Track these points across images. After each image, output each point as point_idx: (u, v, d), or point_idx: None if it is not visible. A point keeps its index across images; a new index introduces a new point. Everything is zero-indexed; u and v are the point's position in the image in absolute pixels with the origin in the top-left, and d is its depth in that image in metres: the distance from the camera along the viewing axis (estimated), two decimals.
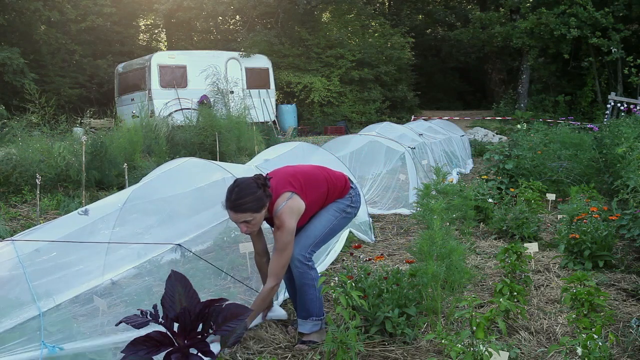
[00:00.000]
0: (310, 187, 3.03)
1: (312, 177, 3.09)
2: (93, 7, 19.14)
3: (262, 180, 2.85)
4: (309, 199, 2.99)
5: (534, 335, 3.07)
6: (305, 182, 3.03)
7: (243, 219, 2.82)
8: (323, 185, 3.09)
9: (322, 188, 3.08)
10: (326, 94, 19.61)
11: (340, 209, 3.15)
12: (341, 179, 3.22)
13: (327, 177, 3.15)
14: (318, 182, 3.08)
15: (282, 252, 2.89)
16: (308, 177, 3.08)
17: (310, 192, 3.02)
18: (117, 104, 15.37)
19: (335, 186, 3.15)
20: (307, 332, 3.05)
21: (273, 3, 19.99)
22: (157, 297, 2.28)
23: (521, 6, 20.33)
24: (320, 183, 3.09)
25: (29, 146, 7.25)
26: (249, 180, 2.84)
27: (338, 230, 3.20)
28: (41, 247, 3.01)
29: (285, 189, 2.93)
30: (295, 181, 3.00)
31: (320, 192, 3.07)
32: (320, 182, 3.10)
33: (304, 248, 3.01)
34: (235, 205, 2.79)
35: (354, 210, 3.22)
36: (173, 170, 4.01)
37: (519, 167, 7.00)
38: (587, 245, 4.16)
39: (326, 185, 3.11)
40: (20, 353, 2.40)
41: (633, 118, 9.68)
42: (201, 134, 10.34)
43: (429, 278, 3.02)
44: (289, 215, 2.88)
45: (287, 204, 2.89)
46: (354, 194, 3.23)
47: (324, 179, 3.12)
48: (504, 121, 18.57)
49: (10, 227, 5.64)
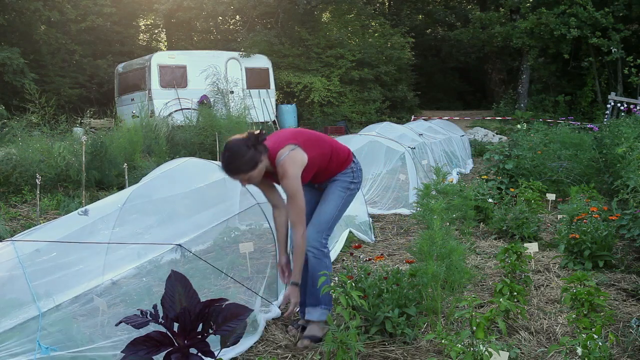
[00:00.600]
0: (312, 145, 3.12)
1: (314, 137, 3.22)
2: (93, 7, 19.13)
3: (253, 140, 2.91)
4: (311, 154, 3.07)
5: (534, 335, 3.07)
6: (307, 139, 3.13)
7: (239, 179, 2.97)
8: (326, 147, 3.20)
9: (325, 150, 3.18)
10: (326, 94, 19.60)
11: (344, 188, 3.25)
12: (344, 149, 3.32)
13: (331, 143, 3.28)
14: (320, 143, 3.20)
15: (294, 199, 3.00)
16: (310, 136, 3.20)
17: (312, 149, 3.10)
18: (117, 104, 15.37)
19: (338, 154, 3.24)
20: (315, 319, 3.11)
21: (273, 3, 19.98)
22: (157, 297, 2.28)
23: (521, 6, 20.32)
24: (324, 144, 3.20)
25: (29, 146, 7.25)
26: (240, 142, 2.92)
27: (346, 207, 3.31)
28: (41, 247, 3.01)
29: (287, 142, 3.04)
30: (298, 137, 3.11)
31: (323, 152, 3.16)
32: (323, 143, 3.21)
33: (319, 234, 3.13)
34: (229, 170, 2.94)
35: (356, 186, 3.31)
36: (173, 170, 4.01)
37: (519, 167, 6.99)
38: (587, 245, 4.15)
39: (329, 148, 3.21)
40: (19, 354, 2.40)
41: (633, 118, 9.68)
42: (201, 134, 10.35)
43: (429, 278, 3.02)
44: (291, 164, 2.97)
45: (289, 154, 2.98)
46: (356, 169, 3.31)
47: (328, 143, 3.25)
48: (504, 121, 18.56)
49: (10, 227, 5.64)
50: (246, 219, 4.50)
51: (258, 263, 3.92)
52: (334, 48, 20.62)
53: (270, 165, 3.02)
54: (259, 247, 4.06)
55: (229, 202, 4.10)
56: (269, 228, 3.83)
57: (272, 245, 3.78)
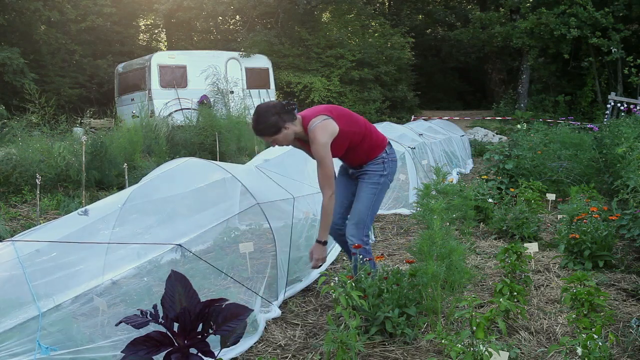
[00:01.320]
0: (345, 120, 3.31)
1: (348, 114, 3.41)
2: (93, 7, 19.13)
3: (279, 108, 3.21)
4: (343, 127, 3.26)
5: (534, 335, 3.07)
6: (341, 114, 3.34)
7: (266, 140, 3.32)
8: (360, 127, 3.38)
9: (358, 129, 3.36)
10: (326, 94, 19.60)
11: (374, 183, 3.42)
12: (380, 136, 3.50)
13: (366, 125, 3.46)
14: (353, 121, 3.39)
15: (322, 164, 3.23)
16: (344, 112, 3.41)
17: (345, 124, 3.29)
18: (117, 104, 15.36)
19: (371, 137, 3.41)
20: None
21: (273, 3, 19.98)
22: (157, 297, 2.28)
23: (521, 6, 20.32)
24: (357, 123, 3.39)
25: (29, 146, 7.24)
26: (267, 107, 3.23)
27: (380, 200, 3.50)
28: (41, 248, 3.00)
29: (320, 113, 3.28)
30: (332, 111, 3.33)
31: (354, 130, 3.34)
32: (357, 122, 3.40)
33: (360, 231, 3.40)
34: (255, 130, 3.29)
35: (387, 178, 3.46)
36: (173, 170, 4.01)
37: (519, 167, 6.99)
38: (587, 245, 4.15)
39: (363, 128, 3.39)
40: (19, 354, 2.40)
41: (633, 118, 9.68)
42: (201, 134, 10.34)
43: (429, 278, 3.02)
44: (321, 132, 3.20)
45: (320, 123, 3.21)
46: (387, 160, 3.45)
47: (362, 123, 3.43)
48: (504, 121, 18.55)
49: (10, 227, 5.64)
50: (246, 219, 4.50)
51: (258, 263, 3.92)
52: (334, 48, 20.62)
53: (304, 133, 3.26)
54: (259, 247, 4.06)
55: (229, 202, 4.10)
56: (269, 228, 3.83)
57: (271, 245, 3.78)
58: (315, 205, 4.92)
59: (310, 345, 3.04)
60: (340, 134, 3.25)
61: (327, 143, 3.21)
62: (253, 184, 4.00)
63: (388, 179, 3.48)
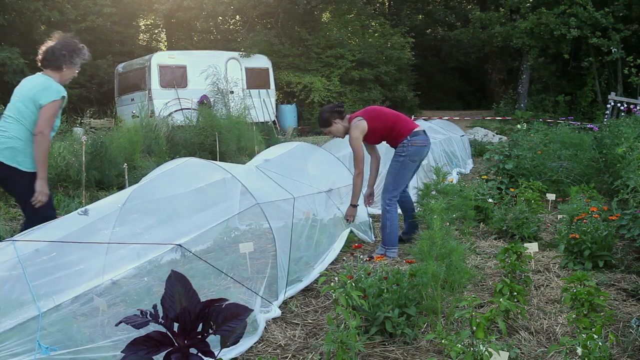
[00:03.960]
0: (375, 118, 4.69)
1: (376, 113, 4.77)
2: (93, 7, 19.13)
3: (333, 108, 4.76)
4: (371, 125, 4.65)
5: (534, 335, 3.07)
6: (372, 115, 4.72)
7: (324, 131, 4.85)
8: (388, 121, 4.72)
9: (386, 122, 4.71)
10: (326, 94, 19.60)
11: (395, 160, 4.71)
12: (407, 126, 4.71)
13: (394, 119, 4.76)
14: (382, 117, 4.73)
15: (355, 152, 4.68)
16: (374, 112, 4.78)
17: (375, 121, 4.67)
18: (117, 104, 15.37)
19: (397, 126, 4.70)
20: (378, 254, 4.55)
21: (273, 3, 19.98)
22: (157, 297, 2.28)
23: (521, 6, 20.32)
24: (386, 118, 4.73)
25: None
26: (325, 108, 4.82)
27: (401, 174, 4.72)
28: (41, 247, 3.00)
29: (357, 116, 4.72)
30: (365, 113, 4.74)
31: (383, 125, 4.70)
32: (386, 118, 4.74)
33: (384, 197, 4.69)
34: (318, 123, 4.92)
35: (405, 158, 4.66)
36: (173, 170, 4.01)
37: (519, 167, 6.99)
38: (587, 245, 4.15)
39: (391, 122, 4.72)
40: (19, 354, 2.40)
41: (633, 118, 9.68)
42: (201, 134, 10.34)
43: (429, 278, 3.02)
44: (354, 130, 4.65)
45: (355, 124, 4.66)
46: (407, 144, 4.65)
47: (390, 118, 4.75)
48: (504, 121, 18.55)
49: (10, 227, 5.64)
50: (246, 219, 4.50)
51: (258, 263, 3.92)
52: (334, 48, 20.62)
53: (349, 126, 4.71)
54: (259, 247, 4.06)
55: (229, 202, 4.10)
56: (268, 228, 3.83)
57: (271, 245, 3.78)
58: (315, 205, 4.93)
59: (310, 345, 3.04)
60: (370, 130, 4.63)
61: (358, 137, 4.60)
62: (253, 184, 4.00)
63: (408, 159, 4.65)
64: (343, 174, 5.52)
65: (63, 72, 3.82)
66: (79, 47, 3.87)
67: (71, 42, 3.85)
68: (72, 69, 3.86)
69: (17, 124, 3.69)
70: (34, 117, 3.67)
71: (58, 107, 3.74)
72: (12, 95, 3.81)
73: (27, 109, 3.68)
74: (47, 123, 3.68)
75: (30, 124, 3.68)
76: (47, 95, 3.67)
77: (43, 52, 3.82)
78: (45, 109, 3.65)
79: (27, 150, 3.67)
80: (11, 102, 3.77)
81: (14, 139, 3.66)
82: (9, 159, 3.64)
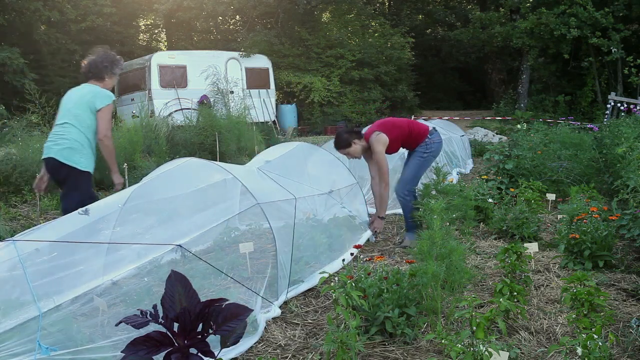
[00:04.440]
0: (392, 129, 4.86)
1: (391, 124, 4.95)
2: (93, 7, 19.13)
3: (349, 129, 4.93)
4: (391, 136, 4.83)
5: (534, 335, 3.07)
6: (388, 127, 4.88)
7: (341, 152, 4.97)
8: (404, 128, 4.91)
9: (404, 130, 4.90)
10: (326, 94, 19.60)
11: (419, 156, 4.93)
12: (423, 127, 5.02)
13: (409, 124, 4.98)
14: (397, 126, 4.91)
15: (380, 165, 4.85)
16: (388, 123, 4.96)
17: (393, 132, 4.84)
18: (117, 104, 15.35)
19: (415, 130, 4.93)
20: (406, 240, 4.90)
21: (273, 3, 19.98)
22: (157, 297, 2.28)
23: (521, 6, 20.32)
24: (402, 127, 4.93)
25: (29, 146, 7.24)
26: (342, 130, 4.96)
27: (423, 168, 5.01)
28: (41, 247, 3.00)
29: (374, 130, 4.87)
30: (381, 126, 4.90)
31: (401, 132, 4.88)
32: (401, 126, 4.93)
33: (403, 187, 4.91)
34: (335, 146, 5.00)
35: (429, 155, 4.95)
36: (173, 171, 4.01)
37: (519, 167, 6.99)
38: (587, 245, 4.15)
39: (407, 128, 4.92)
40: (20, 354, 2.40)
41: (633, 118, 9.67)
42: (201, 134, 10.33)
43: (429, 278, 3.02)
44: (377, 144, 4.80)
45: (375, 138, 4.81)
46: (429, 143, 4.93)
47: (405, 125, 4.96)
48: (504, 121, 18.55)
49: (10, 227, 5.64)
50: (246, 219, 4.50)
51: (258, 263, 3.92)
52: (334, 48, 20.62)
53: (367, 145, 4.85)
54: (259, 247, 4.06)
55: (229, 202, 4.10)
56: (269, 228, 3.83)
57: (271, 245, 3.78)
58: (316, 205, 4.93)
59: (310, 345, 3.04)
60: (391, 141, 4.82)
61: (382, 151, 4.78)
62: (253, 184, 4.00)
63: (431, 155, 4.97)
64: (343, 174, 5.52)
65: (105, 82, 4.35)
66: (117, 58, 4.46)
67: (110, 55, 4.43)
68: (112, 79, 4.41)
69: (74, 128, 4.15)
70: (89, 122, 4.17)
71: (112, 109, 4.28)
72: (62, 105, 4.26)
73: (83, 113, 4.15)
74: (108, 125, 4.22)
75: (85, 127, 4.16)
76: (101, 100, 4.18)
77: (86, 65, 4.35)
78: (102, 112, 4.17)
79: (82, 151, 4.16)
80: (64, 110, 4.21)
81: (72, 141, 4.13)
82: (67, 158, 4.11)
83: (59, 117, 4.23)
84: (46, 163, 4.22)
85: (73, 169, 4.11)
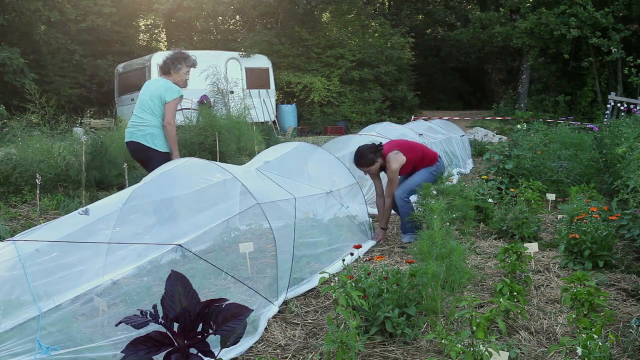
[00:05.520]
0: (408, 150, 5.11)
1: (408, 146, 5.23)
2: (93, 7, 19.15)
3: (374, 148, 5.01)
4: (408, 157, 5.05)
5: (534, 335, 3.07)
6: (406, 148, 5.13)
7: (361, 170, 5.14)
8: (418, 152, 5.20)
9: (417, 153, 5.18)
10: (326, 94, 19.60)
11: (428, 171, 5.17)
12: (433, 154, 5.32)
13: (423, 149, 5.32)
14: (413, 149, 5.19)
15: (391, 182, 5.06)
16: (407, 145, 5.26)
17: (409, 153, 5.08)
18: (117, 104, 15.37)
19: (427, 155, 5.22)
20: (405, 241, 5.04)
21: (273, 3, 19.98)
22: (157, 297, 2.28)
23: (521, 6, 20.33)
24: (416, 150, 5.21)
25: (29, 146, 7.24)
26: (366, 148, 5.03)
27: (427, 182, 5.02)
28: (41, 247, 3.00)
29: (394, 148, 5.09)
30: (400, 146, 5.13)
31: (415, 155, 5.15)
32: (416, 149, 5.22)
33: (404, 192, 5.08)
34: (357, 164, 5.10)
35: (437, 172, 5.20)
36: (173, 171, 4.01)
37: (519, 167, 6.99)
38: (587, 245, 4.15)
39: (421, 152, 5.21)
40: (20, 354, 2.40)
41: (633, 118, 9.66)
42: (201, 134, 10.31)
43: (429, 278, 3.02)
44: (394, 162, 4.99)
45: (394, 157, 5.01)
46: (440, 165, 5.27)
47: (419, 149, 5.27)
48: (504, 121, 18.56)
49: (10, 227, 5.64)
50: (246, 219, 4.50)
51: (258, 263, 3.92)
52: (334, 48, 20.63)
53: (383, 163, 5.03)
54: (259, 247, 4.06)
55: (229, 202, 4.10)
56: (269, 228, 3.83)
57: (271, 245, 3.78)
58: (316, 205, 4.93)
59: (310, 345, 3.04)
60: (407, 161, 5.04)
61: (396, 169, 4.99)
62: (253, 185, 4.00)
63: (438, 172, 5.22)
64: (343, 174, 5.52)
65: (172, 76, 4.97)
66: (183, 56, 5.01)
67: (177, 53, 5.04)
68: (178, 74, 4.98)
69: (151, 115, 4.84)
70: (160, 111, 4.85)
71: (178, 102, 4.89)
72: (140, 95, 4.96)
73: (155, 104, 4.83)
74: (172, 115, 4.85)
75: (159, 115, 4.85)
76: (170, 93, 4.82)
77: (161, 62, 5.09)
78: (169, 104, 4.81)
79: (160, 135, 4.86)
80: (141, 100, 4.91)
81: (152, 126, 4.84)
82: (149, 141, 4.83)
83: (138, 106, 4.94)
84: (130, 145, 4.94)
85: (155, 150, 4.83)
